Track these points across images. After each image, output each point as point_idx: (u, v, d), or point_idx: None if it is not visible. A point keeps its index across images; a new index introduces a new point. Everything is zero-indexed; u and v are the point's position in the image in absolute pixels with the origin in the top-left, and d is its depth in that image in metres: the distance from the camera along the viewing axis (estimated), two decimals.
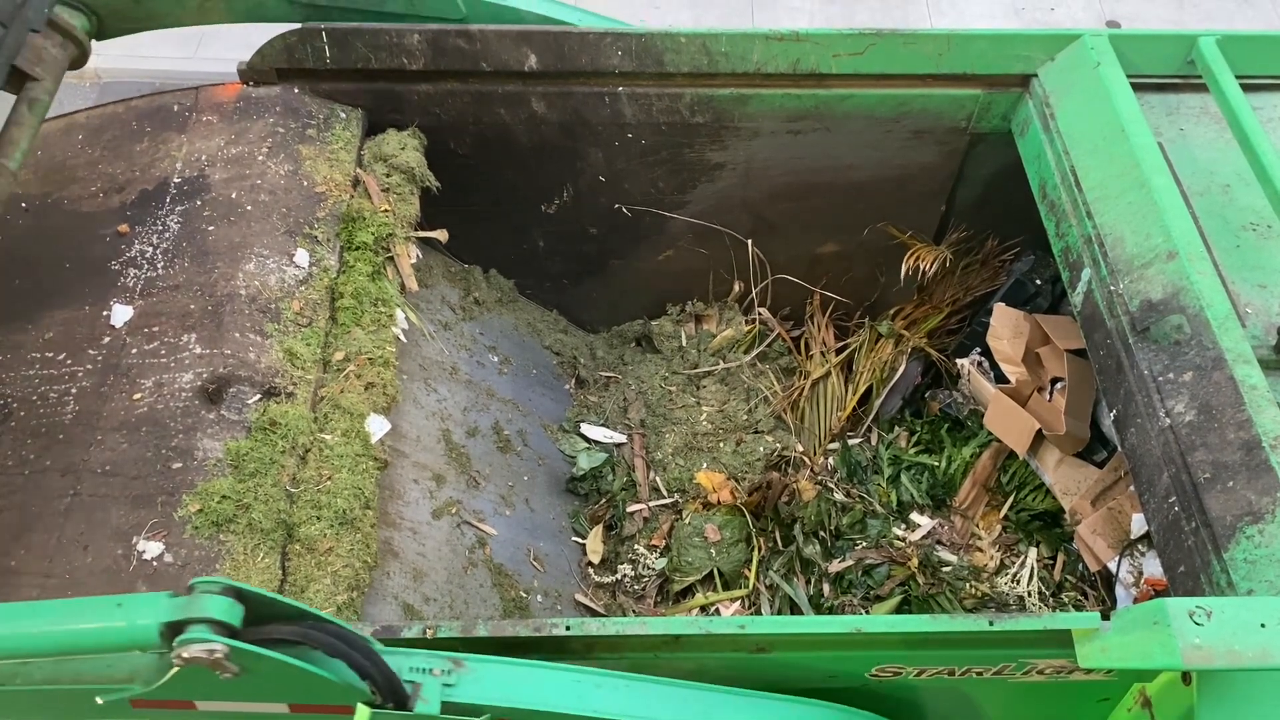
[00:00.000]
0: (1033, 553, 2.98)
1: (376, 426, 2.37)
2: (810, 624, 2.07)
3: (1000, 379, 3.06)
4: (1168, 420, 2.00)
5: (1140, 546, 2.69)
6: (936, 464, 3.20)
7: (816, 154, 2.89)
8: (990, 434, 3.11)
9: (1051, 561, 2.99)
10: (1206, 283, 2.09)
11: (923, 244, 3.17)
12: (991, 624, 1.75)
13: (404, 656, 1.60)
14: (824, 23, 4.90)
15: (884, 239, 3.22)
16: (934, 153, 2.93)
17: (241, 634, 1.46)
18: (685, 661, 1.81)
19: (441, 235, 2.92)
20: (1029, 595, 2.88)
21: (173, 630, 1.44)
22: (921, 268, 3.15)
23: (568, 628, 1.62)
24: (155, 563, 2.00)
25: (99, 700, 1.59)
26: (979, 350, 3.23)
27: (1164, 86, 2.70)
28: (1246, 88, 2.39)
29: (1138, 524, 2.67)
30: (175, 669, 1.47)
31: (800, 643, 1.81)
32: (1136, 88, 2.47)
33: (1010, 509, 3.10)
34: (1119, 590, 2.72)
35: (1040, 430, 2.88)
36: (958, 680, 1.88)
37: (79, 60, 2.53)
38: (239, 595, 1.48)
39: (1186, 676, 1.65)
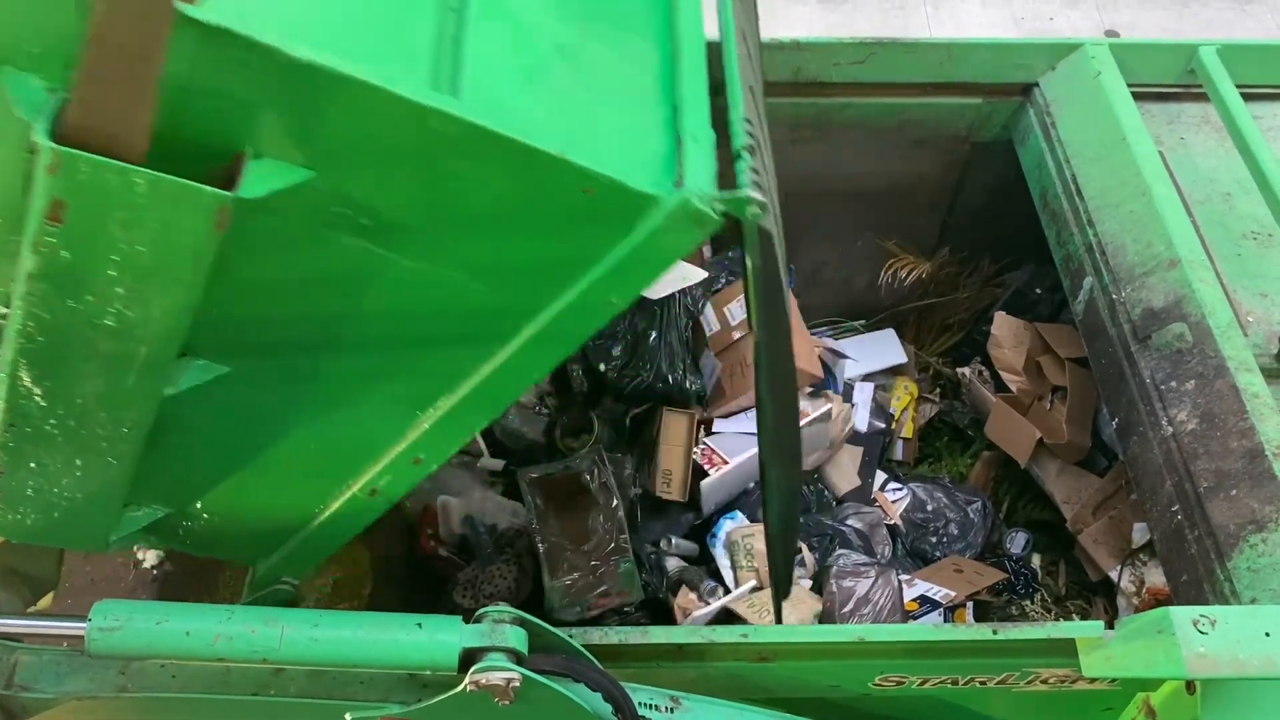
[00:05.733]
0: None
1: None
2: (814, 633, 2.06)
3: (1001, 388, 3.06)
4: (1170, 429, 2.00)
5: (1142, 555, 2.69)
6: (937, 473, 3.20)
7: (818, 163, 2.89)
8: (988, 442, 3.12)
9: (1054, 569, 2.99)
10: (1208, 291, 2.09)
11: (905, 254, 3.19)
12: (995, 632, 1.74)
13: (631, 691, 1.61)
14: (824, 32, 4.91)
15: (884, 249, 3.23)
16: (935, 162, 2.93)
17: (526, 662, 1.49)
18: (687, 670, 1.80)
19: None
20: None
21: (468, 655, 1.47)
22: (900, 276, 3.17)
23: (569, 636, 1.62)
24: (155, 571, 2.00)
25: (348, 717, 1.60)
26: (979, 359, 3.23)
27: (1164, 95, 2.70)
28: (1247, 97, 2.38)
29: (1139, 533, 2.67)
30: (456, 693, 1.49)
31: (803, 651, 1.80)
32: (1137, 97, 2.47)
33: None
34: (1120, 600, 2.72)
35: (1041, 439, 2.88)
36: (961, 690, 1.87)
37: None
38: (522, 624, 1.52)
39: (1191, 686, 1.64)
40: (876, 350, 3.32)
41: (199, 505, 1.63)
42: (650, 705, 1.65)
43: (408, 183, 1.20)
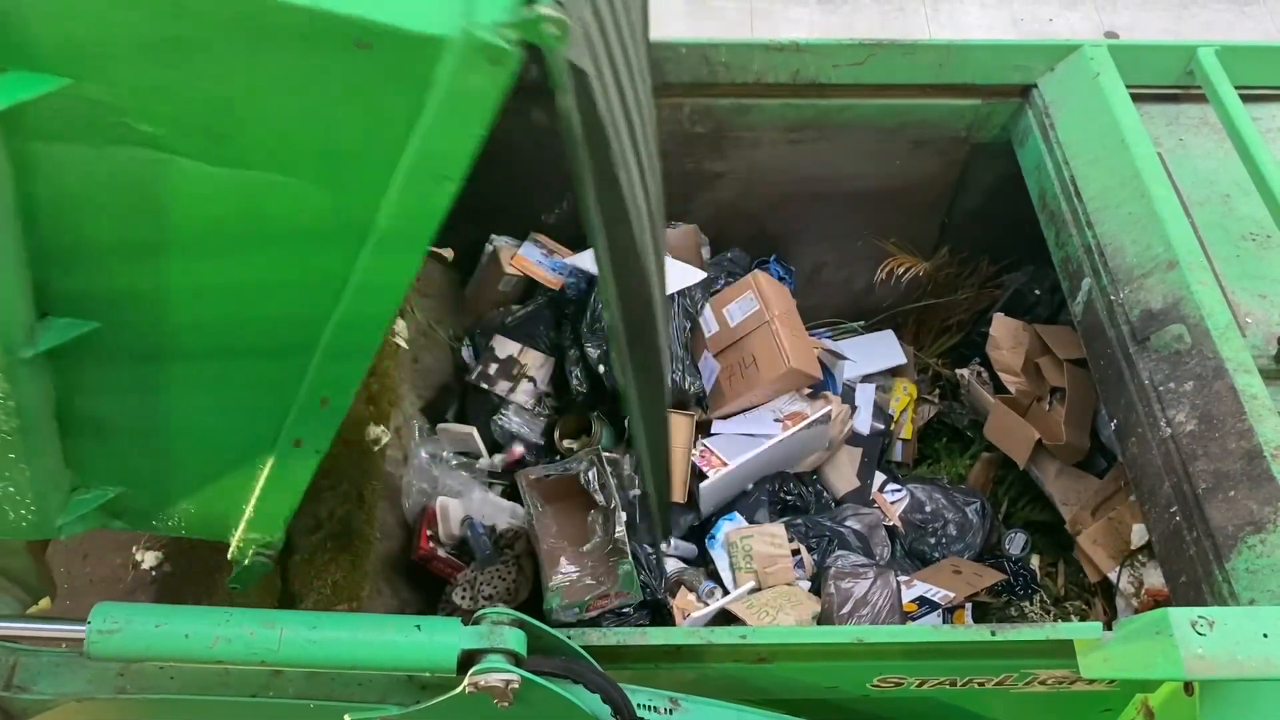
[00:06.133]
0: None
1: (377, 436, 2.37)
2: (812, 634, 2.06)
3: (1000, 389, 3.06)
4: (1169, 430, 2.00)
5: (1141, 557, 2.69)
6: (936, 474, 3.20)
7: (817, 164, 2.90)
8: (987, 443, 3.11)
9: (1053, 570, 2.99)
10: (1207, 292, 2.09)
11: (904, 253, 3.19)
12: (994, 634, 1.74)
13: (629, 692, 1.62)
14: (823, 33, 4.91)
15: (883, 250, 3.23)
16: (934, 163, 2.93)
17: (525, 664, 1.50)
18: (686, 671, 1.80)
19: (447, 254, 2.93)
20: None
21: (467, 657, 1.48)
22: (896, 273, 3.17)
23: (568, 637, 1.62)
24: (154, 572, 2.00)
25: (347, 718, 1.61)
26: (978, 360, 3.23)
27: (1163, 97, 2.71)
28: (1246, 98, 2.39)
29: (1138, 534, 2.67)
30: (455, 694, 1.49)
31: (802, 653, 1.81)
32: (1136, 98, 2.48)
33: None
34: (1119, 601, 2.72)
35: (1040, 440, 2.88)
36: (959, 691, 1.87)
37: None
38: (521, 626, 1.53)
39: (1189, 687, 1.65)
40: (876, 351, 3.32)
41: (146, 482, 1.60)
42: (649, 707, 1.65)
43: (169, 74, 1.07)
